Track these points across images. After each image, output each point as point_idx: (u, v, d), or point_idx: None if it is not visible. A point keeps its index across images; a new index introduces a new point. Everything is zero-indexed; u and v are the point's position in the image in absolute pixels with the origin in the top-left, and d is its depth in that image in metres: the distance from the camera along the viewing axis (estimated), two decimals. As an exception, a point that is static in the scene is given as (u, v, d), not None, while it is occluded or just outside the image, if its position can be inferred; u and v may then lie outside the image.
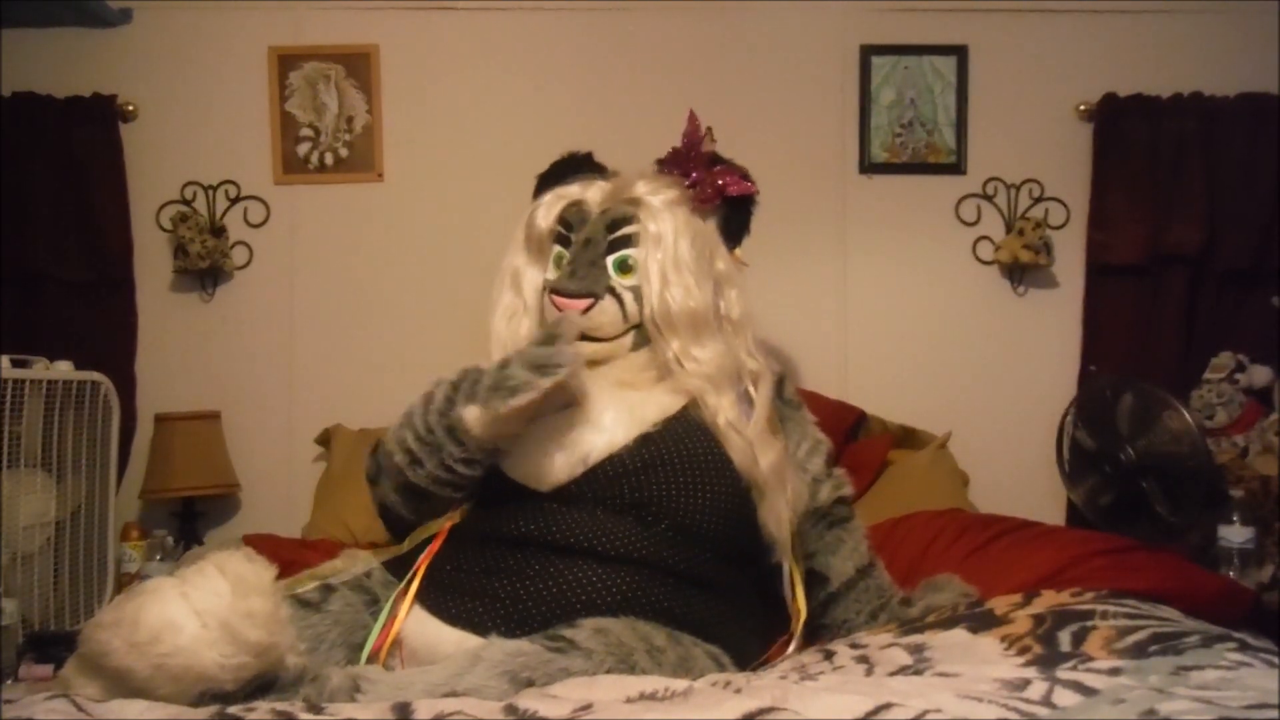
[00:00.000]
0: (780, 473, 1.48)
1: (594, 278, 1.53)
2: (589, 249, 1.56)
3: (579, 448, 1.40)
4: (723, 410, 1.47)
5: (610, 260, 1.55)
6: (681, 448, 1.43)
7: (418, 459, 1.40)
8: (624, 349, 1.55)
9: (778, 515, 1.45)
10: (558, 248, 1.59)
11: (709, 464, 1.43)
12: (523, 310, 1.59)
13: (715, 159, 1.66)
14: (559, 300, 1.53)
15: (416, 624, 1.33)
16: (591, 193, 1.61)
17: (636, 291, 1.54)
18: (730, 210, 1.65)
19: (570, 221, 1.59)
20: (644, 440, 1.42)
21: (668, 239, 1.53)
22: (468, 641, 1.23)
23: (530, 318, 1.59)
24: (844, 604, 1.54)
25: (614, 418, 1.43)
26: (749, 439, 1.46)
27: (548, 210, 1.60)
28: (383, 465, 1.47)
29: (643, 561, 1.34)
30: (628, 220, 1.56)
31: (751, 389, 1.54)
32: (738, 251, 1.71)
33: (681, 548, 1.37)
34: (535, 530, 1.35)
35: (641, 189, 1.58)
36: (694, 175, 1.63)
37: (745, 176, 1.66)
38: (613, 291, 1.53)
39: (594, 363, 1.52)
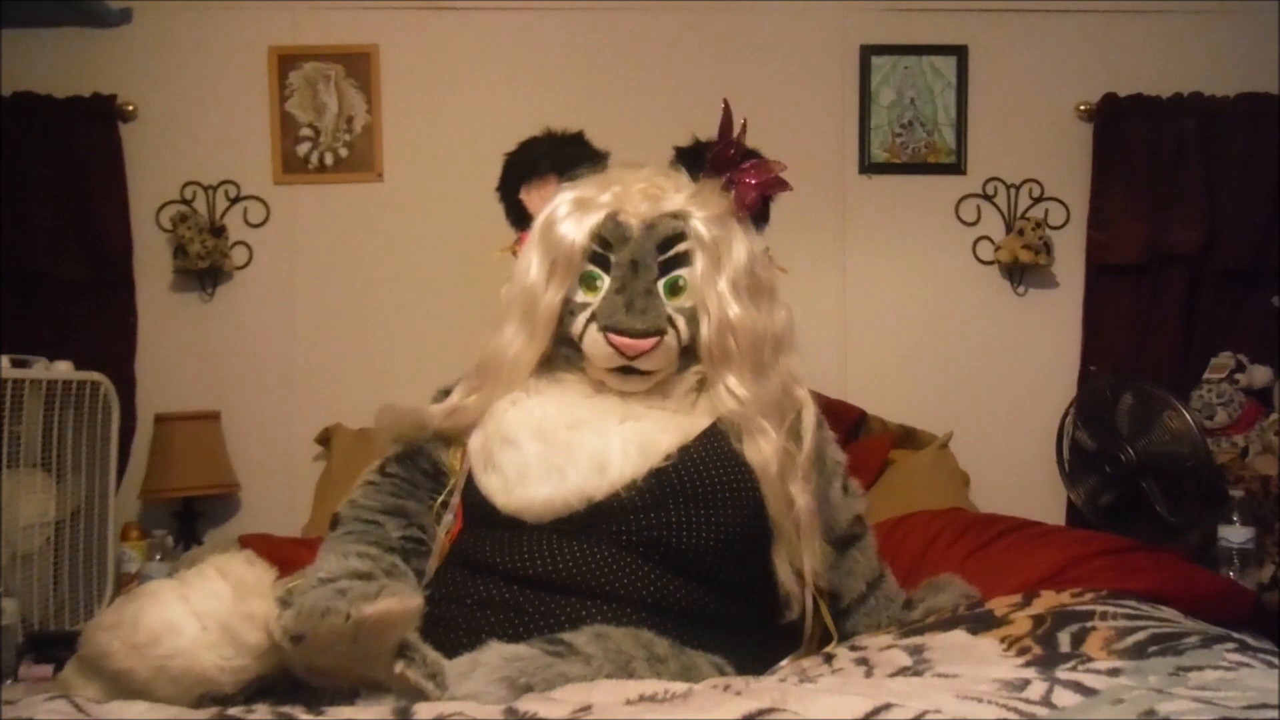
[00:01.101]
0: (812, 523, 1.36)
1: (655, 309, 1.35)
2: (641, 275, 1.36)
3: (579, 492, 1.29)
4: (773, 455, 1.33)
5: (661, 284, 1.38)
6: (697, 481, 1.31)
7: None
8: (669, 374, 1.41)
9: (796, 568, 1.35)
10: (591, 267, 1.39)
11: (726, 498, 1.32)
12: (527, 340, 1.40)
13: (746, 153, 1.55)
14: (620, 341, 1.34)
15: None
16: (621, 199, 1.40)
17: (688, 314, 1.38)
18: (759, 206, 1.55)
19: (608, 238, 1.38)
20: (655, 475, 1.30)
21: (724, 258, 1.38)
22: (465, 656, 1.20)
23: (538, 346, 1.40)
24: (854, 619, 1.50)
25: (621, 455, 1.30)
26: (791, 488, 1.34)
27: (576, 223, 1.39)
28: None
29: (650, 602, 1.27)
30: (679, 237, 1.38)
31: (795, 422, 1.41)
32: (771, 252, 1.56)
33: (692, 586, 1.30)
34: (533, 570, 1.26)
35: (685, 201, 1.40)
36: (729, 176, 1.47)
37: (778, 171, 1.54)
38: (670, 320, 1.37)
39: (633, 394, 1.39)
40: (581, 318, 1.38)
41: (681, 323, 1.38)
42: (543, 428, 1.34)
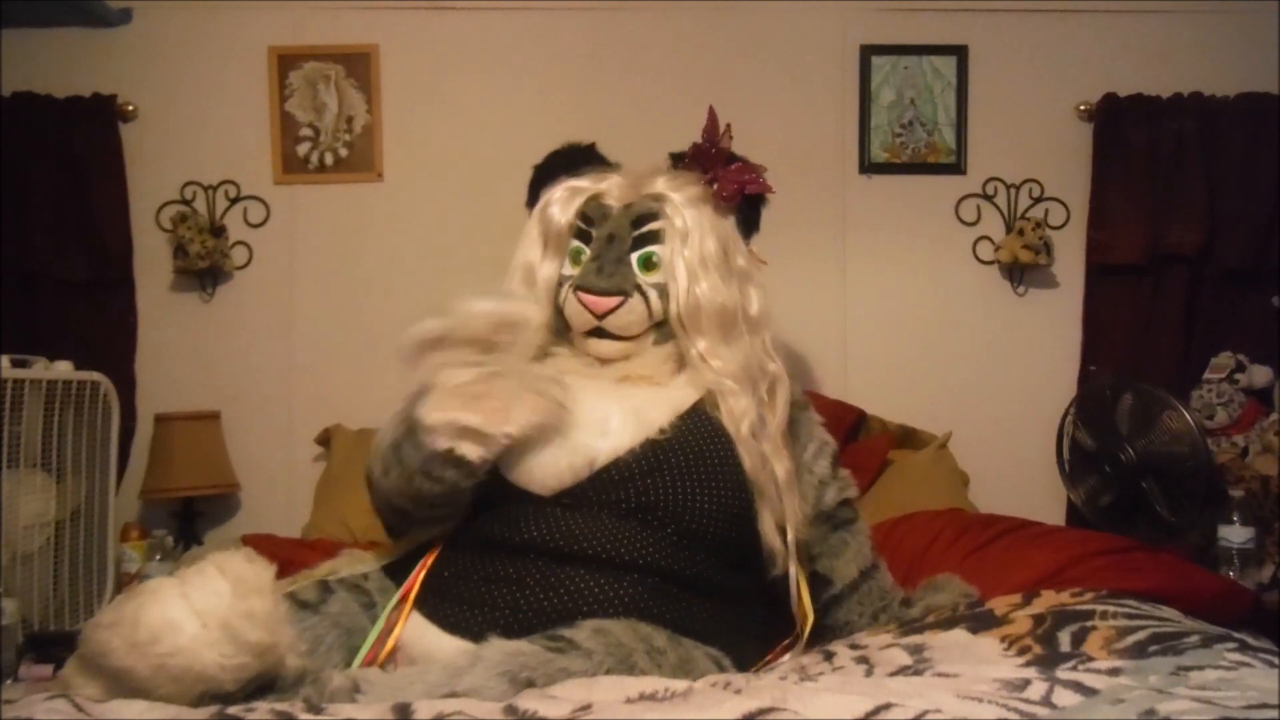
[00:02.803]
0: (790, 482, 1.45)
1: (622, 275, 1.50)
2: (614, 245, 1.52)
3: (583, 453, 1.37)
4: (742, 415, 1.44)
5: (635, 257, 1.51)
6: (690, 450, 1.40)
7: (387, 467, 1.39)
8: (645, 347, 1.52)
9: (779, 525, 1.42)
10: (576, 243, 1.55)
11: (717, 467, 1.40)
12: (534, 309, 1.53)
13: (731, 156, 1.64)
14: (587, 299, 1.49)
15: (414, 631, 1.32)
16: (609, 186, 1.57)
17: (661, 289, 1.51)
18: (746, 207, 1.64)
19: (591, 216, 1.55)
20: (651, 445, 1.39)
21: (694, 236, 1.50)
22: (466, 650, 1.21)
23: (541, 313, 1.53)
24: (846, 606, 1.53)
25: (620, 422, 1.40)
26: (764, 448, 1.43)
27: (565, 204, 1.56)
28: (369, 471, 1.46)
29: (647, 568, 1.32)
30: (653, 216, 1.52)
31: (769, 393, 1.50)
32: (754, 248, 1.67)
33: (686, 553, 1.35)
34: (536, 537, 1.33)
35: (664, 185, 1.55)
36: (713, 172, 1.59)
37: (760, 174, 1.63)
38: (639, 289, 1.50)
39: (610, 360, 1.51)
40: (565, 287, 1.54)
41: (654, 295, 1.51)
42: None
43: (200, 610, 1.14)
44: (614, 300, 1.48)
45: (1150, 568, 1.63)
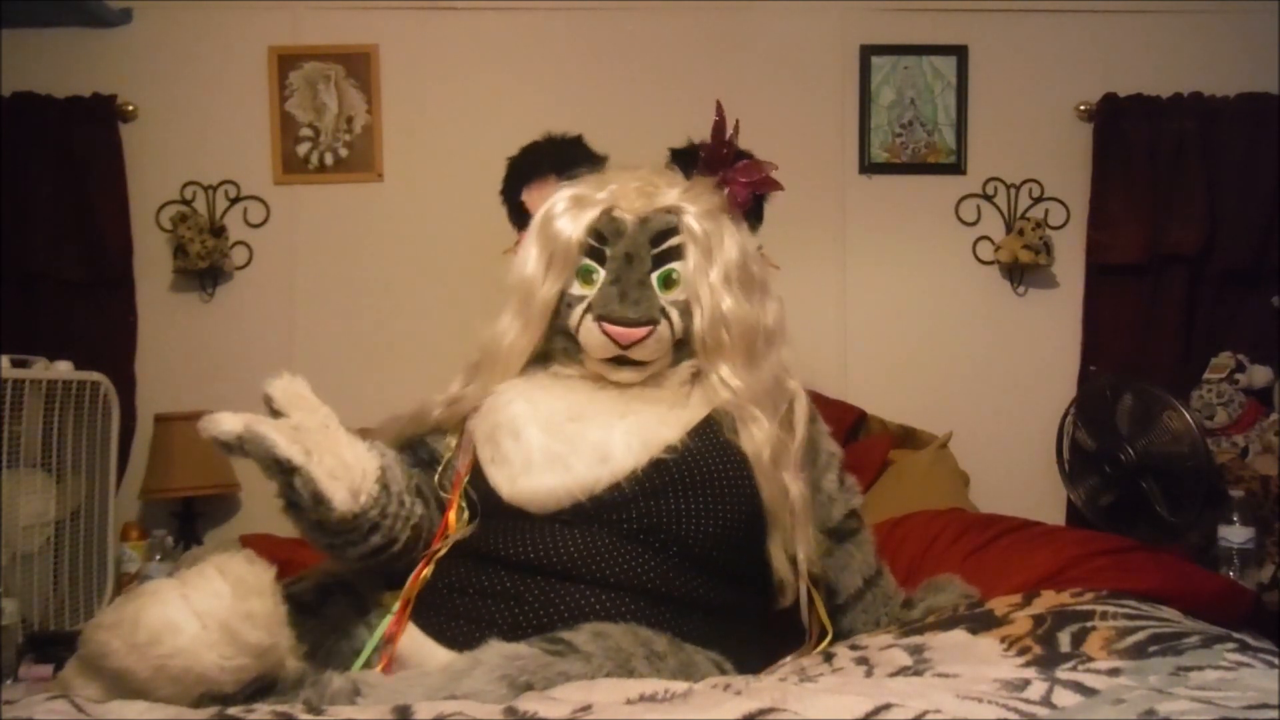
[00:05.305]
0: (805, 510, 1.39)
1: (649, 300, 1.39)
2: (634, 266, 1.40)
3: (582, 482, 1.31)
4: (764, 442, 1.37)
5: (655, 276, 1.41)
6: (697, 471, 1.34)
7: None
8: (664, 366, 1.44)
9: (790, 556, 1.37)
10: (587, 261, 1.43)
11: (724, 488, 1.35)
12: (522, 329, 1.45)
13: (739, 153, 1.58)
14: (614, 330, 1.38)
15: (411, 642, 1.31)
16: (619, 197, 1.45)
17: (682, 307, 1.42)
18: (751, 203, 1.58)
19: (604, 233, 1.42)
20: (656, 465, 1.33)
21: (716, 251, 1.41)
22: (465, 655, 1.20)
23: (532, 335, 1.46)
24: (851, 615, 1.51)
25: (624, 446, 1.33)
26: (784, 475, 1.37)
27: (574, 218, 1.43)
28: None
29: (648, 589, 1.29)
30: (672, 231, 1.41)
31: (788, 412, 1.44)
32: (764, 251, 1.59)
33: (689, 574, 1.32)
34: (535, 556, 1.29)
35: (679, 196, 1.45)
36: (723, 173, 1.51)
37: (769, 170, 1.57)
38: (663, 312, 1.41)
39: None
40: (578, 309, 1.43)
41: (675, 315, 1.42)
42: (548, 420, 1.37)
43: (200, 611, 1.13)
44: (643, 330, 1.38)
45: (1150, 568, 1.63)
